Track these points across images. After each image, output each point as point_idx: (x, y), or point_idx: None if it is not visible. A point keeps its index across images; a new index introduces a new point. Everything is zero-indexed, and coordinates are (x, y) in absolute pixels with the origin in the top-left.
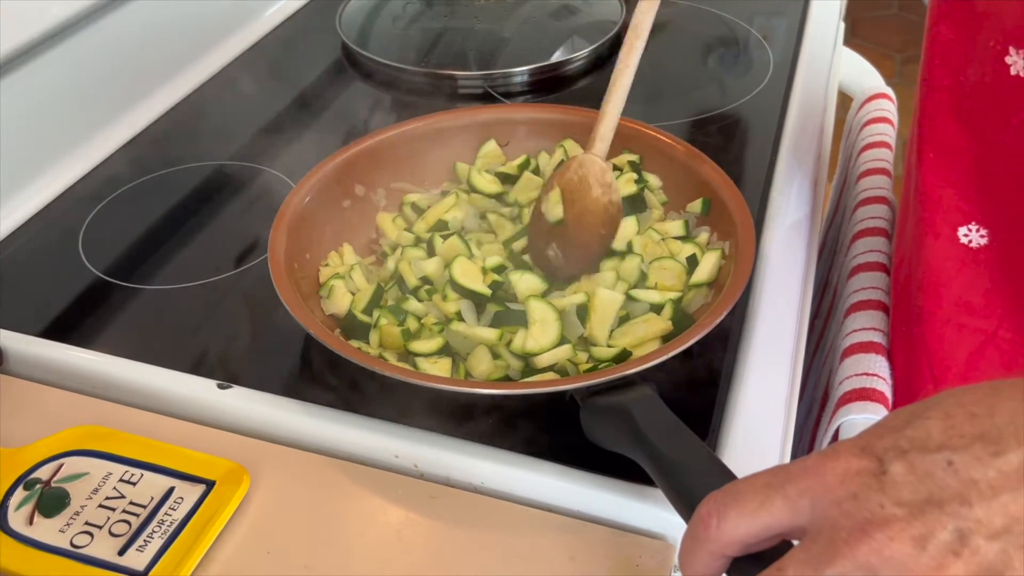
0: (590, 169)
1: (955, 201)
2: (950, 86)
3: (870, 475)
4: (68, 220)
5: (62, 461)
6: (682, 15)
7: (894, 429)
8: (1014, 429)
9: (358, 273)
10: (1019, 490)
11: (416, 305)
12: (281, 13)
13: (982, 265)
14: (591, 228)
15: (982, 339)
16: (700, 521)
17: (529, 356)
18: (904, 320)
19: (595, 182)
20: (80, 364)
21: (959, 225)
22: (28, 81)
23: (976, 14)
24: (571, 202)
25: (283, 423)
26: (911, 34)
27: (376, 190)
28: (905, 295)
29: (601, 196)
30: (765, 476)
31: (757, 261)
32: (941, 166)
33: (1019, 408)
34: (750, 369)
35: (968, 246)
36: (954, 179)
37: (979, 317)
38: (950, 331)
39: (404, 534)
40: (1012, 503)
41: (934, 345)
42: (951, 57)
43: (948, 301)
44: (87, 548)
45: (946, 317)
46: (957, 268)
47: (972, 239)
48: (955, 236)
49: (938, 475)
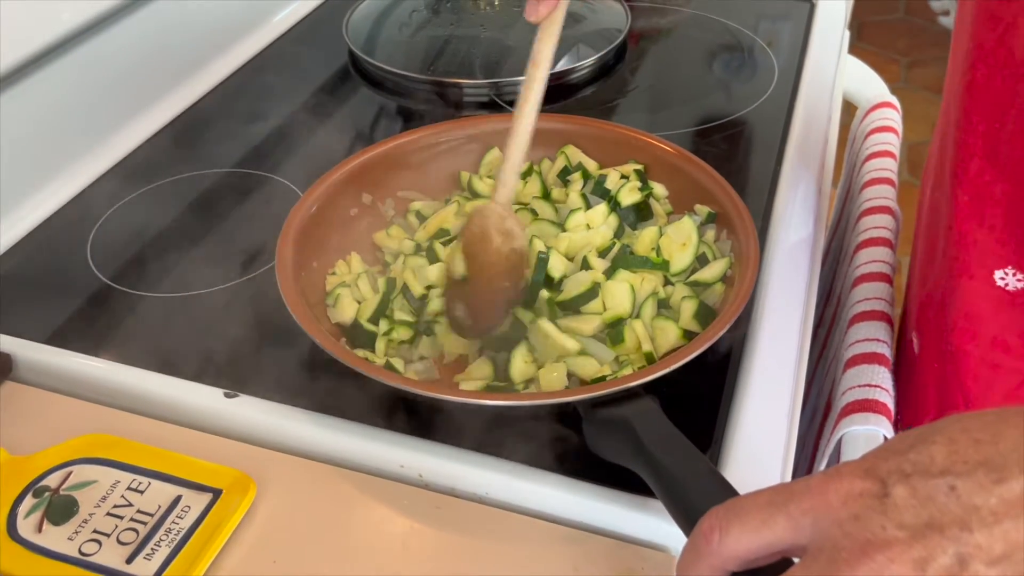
0: (489, 219)
1: (991, 245)
2: (987, 132)
3: (873, 497)
4: (76, 227)
5: (70, 469)
6: (686, 23)
7: (898, 452)
8: (1018, 457)
9: (364, 282)
10: (1020, 518)
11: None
12: (287, 21)
13: (1019, 308)
14: (493, 280)
15: (1019, 379)
16: (702, 535)
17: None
18: (937, 358)
19: (495, 232)
20: (87, 372)
21: (995, 268)
22: (37, 89)
23: (1016, 60)
24: (472, 256)
25: (289, 432)
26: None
27: (384, 199)
28: (936, 334)
29: (502, 245)
30: (768, 493)
31: (760, 271)
32: (976, 209)
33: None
34: (753, 379)
35: (1005, 289)
36: (990, 223)
37: (1015, 357)
38: (985, 371)
39: (409, 543)
40: (1013, 530)
41: (970, 384)
42: (988, 101)
43: (984, 341)
44: (95, 556)
45: (982, 357)
46: (994, 309)
47: (1008, 282)
48: (991, 279)
49: (940, 500)
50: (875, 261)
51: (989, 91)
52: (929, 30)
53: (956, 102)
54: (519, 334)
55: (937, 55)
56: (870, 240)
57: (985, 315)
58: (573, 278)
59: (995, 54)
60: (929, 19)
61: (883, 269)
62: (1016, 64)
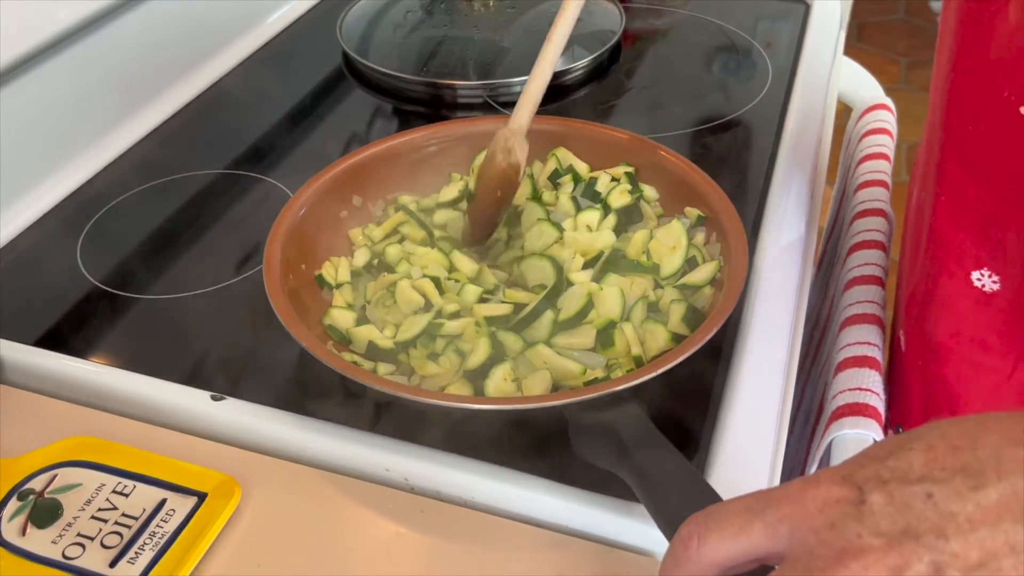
0: (497, 141)
1: (967, 246)
2: (961, 135)
3: (849, 504)
4: (66, 229)
5: (56, 472)
6: (682, 24)
7: (877, 459)
8: (995, 464)
9: (347, 291)
10: (997, 525)
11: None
12: (281, 21)
13: (995, 308)
14: (490, 192)
15: (999, 378)
16: (681, 542)
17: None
18: (920, 355)
19: (498, 151)
20: (75, 374)
21: (972, 270)
22: (28, 89)
23: (990, 62)
24: (480, 176)
25: (275, 435)
26: (917, 39)
27: (374, 201)
28: (919, 331)
29: (501, 161)
30: (746, 500)
31: (751, 273)
32: (953, 212)
33: (1002, 442)
34: (742, 383)
35: (981, 290)
36: (966, 225)
37: (995, 355)
38: (967, 368)
39: (393, 548)
40: (989, 538)
41: (952, 381)
42: (964, 104)
43: (964, 339)
44: (79, 559)
45: (963, 355)
46: (972, 309)
47: (985, 284)
48: (969, 279)
49: (917, 507)
50: (868, 264)
51: (965, 93)
52: (929, 31)
53: (940, 103)
54: (500, 355)
55: None
56: (863, 243)
57: (965, 314)
58: (568, 294)
59: (972, 56)
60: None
61: (875, 272)
62: (990, 66)
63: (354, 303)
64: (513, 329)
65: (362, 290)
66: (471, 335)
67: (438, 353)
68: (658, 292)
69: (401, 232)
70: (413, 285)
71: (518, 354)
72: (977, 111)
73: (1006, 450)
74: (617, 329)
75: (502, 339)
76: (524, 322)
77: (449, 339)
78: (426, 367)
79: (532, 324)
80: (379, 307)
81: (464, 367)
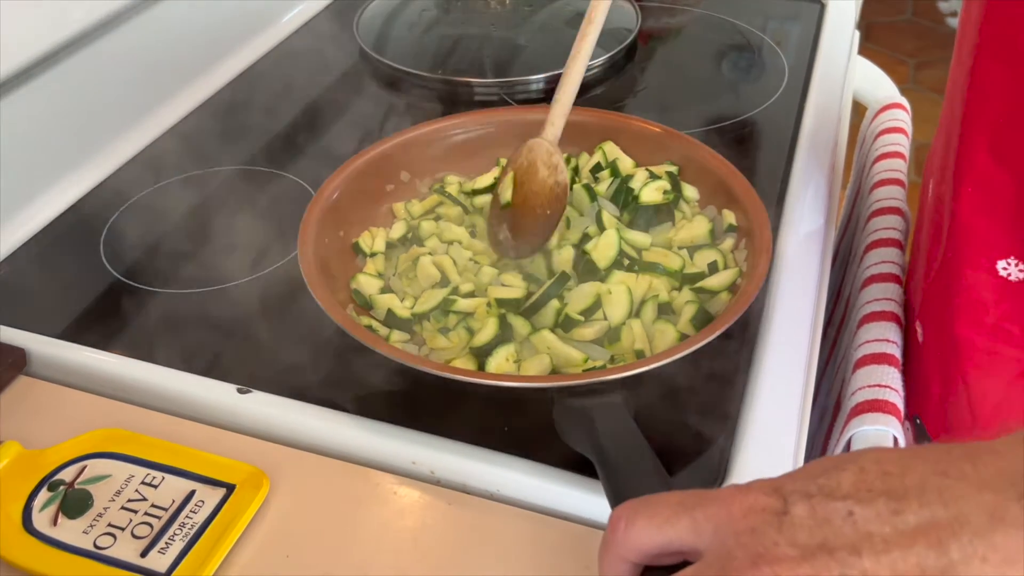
0: (538, 153)
1: (994, 235)
2: (992, 124)
3: (772, 513)
4: (89, 223)
5: (85, 463)
6: (696, 23)
7: (809, 475)
8: (919, 491)
9: (379, 260)
10: (910, 548)
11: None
12: (298, 19)
13: (1021, 297)
14: (537, 208)
15: (1019, 368)
16: (611, 524)
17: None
18: (939, 347)
19: (542, 164)
20: (101, 367)
21: (998, 259)
22: (52, 86)
23: (1020, 51)
24: (520, 184)
25: (302, 428)
26: (925, 39)
27: (422, 178)
28: (939, 323)
29: (547, 177)
30: (682, 495)
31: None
32: (979, 200)
33: (930, 471)
34: (764, 378)
35: (1007, 279)
36: (993, 214)
37: (1016, 346)
38: (986, 359)
39: (420, 540)
40: (901, 560)
41: (971, 372)
42: (993, 94)
43: (986, 329)
44: (110, 549)
45: (983, 345)
46: (996, 298)
47: (1011, 272)
48: (994, 268)
49: (836, 523)
50: (885, 262)
51: (994, 84)
52: (937, 31)
53: (960, 96)
54: (507, 336)
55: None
56: (880, 241)
57: (987, 304)
58: (577, 290)
59: (1002, 48)
60: (937, 21)
61: (892, 270)
62: (1021, 54)
63: (384, 272)
64: (523, 314)
65: (394, 261)
66: (482, 314)
67: (449, 328)
68: (674, 294)
69: (438, 212)
70: (433, 261)
71: (524, 338)
72: (1009, 101)
73: (932, 479)
74: (625, 325)
75: (511, 321)
76: (533, 308)
77: (461, 316)
78: (436, 340)
79: (539, 311)
80: (403, 278)
81: (471, 344)
